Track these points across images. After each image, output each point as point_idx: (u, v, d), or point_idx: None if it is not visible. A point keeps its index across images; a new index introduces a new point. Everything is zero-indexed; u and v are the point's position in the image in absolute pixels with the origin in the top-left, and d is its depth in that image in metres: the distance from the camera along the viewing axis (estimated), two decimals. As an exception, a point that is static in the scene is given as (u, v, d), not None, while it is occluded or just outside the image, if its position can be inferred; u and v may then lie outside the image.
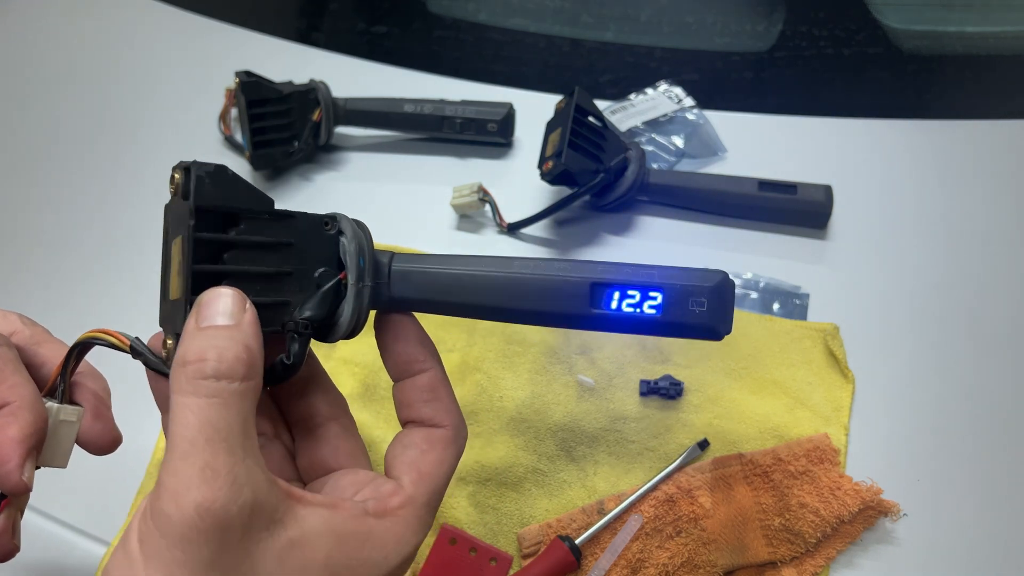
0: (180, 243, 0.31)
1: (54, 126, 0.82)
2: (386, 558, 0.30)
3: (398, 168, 0.77)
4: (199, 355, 0.28)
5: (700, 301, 0.35)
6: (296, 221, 0.34)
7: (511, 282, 0.35)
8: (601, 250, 0.69)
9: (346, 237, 0.35)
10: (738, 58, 0.83)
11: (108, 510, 0.56)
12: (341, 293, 0.34)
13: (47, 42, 0.90)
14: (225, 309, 0.29)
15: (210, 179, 0.31)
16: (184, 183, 0.31)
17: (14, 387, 0.32)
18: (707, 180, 0.70)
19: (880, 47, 0.82)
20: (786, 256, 0.68)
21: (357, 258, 0.34)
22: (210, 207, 0.31)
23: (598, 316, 0.35)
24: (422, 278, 0.35)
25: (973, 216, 0.70)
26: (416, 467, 0.33)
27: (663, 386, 0.59)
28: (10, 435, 0.32)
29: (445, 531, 0.54)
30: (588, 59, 0.84)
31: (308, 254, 0.33)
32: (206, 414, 0.27)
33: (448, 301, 0.35)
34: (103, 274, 0.70)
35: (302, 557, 0.28)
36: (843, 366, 0.60)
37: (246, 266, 0.31)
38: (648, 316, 0.35)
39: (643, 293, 0.35)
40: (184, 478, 0.26)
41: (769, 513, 0.53)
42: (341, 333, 0.34)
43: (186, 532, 0.25)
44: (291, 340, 0.32)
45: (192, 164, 0.31)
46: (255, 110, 0.71)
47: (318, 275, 0.33)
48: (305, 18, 0.93)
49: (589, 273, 0.35)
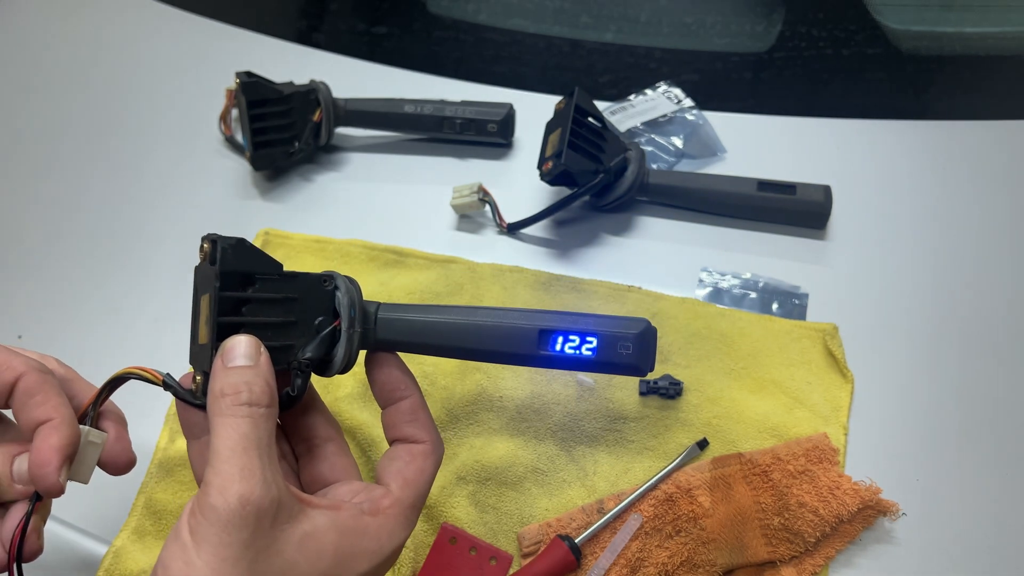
0: (207, 299, 0.38)
1: (55, 127, 0.82)
2: (381, 548, 0.37)
3: (398, 168, 0.77)
4: (235, 388, 0.35)
5: (627, 345, 0.41)
6: (299, 280, 0.40)
7: (475, 328, 0.42)
8: (601, 250, 0.69)
9: (340, 291, 0.41)
10: (737, 59, 0.83)
11: (108, 510, 0.57)
12: (336, 337, 0.41)
13: (48, 43, 0.90)
14: (244, 352, 0.36)
15: (232, 250, 0.38)
16: (212, 252, 0.38)
17: (56, 407, 0.39)
18: (706, 180, 0.70)
19: (879, 48, 0.82)
20: (785, 256, 0.68)
21: (349, 309, 0.41)
22: (231, 271, 0.38)
23: (544, 356, 0.42)
24: (402, 324, 0.42)
25: (971, 216, 0.70)
26: (402, 475, 0.40)
27: (662, 386, 0.59)
28: (51, 443, 0.37)
29: (445, 530, 0.54)
30: (588, 60, 0.84)
31: (309, 306, 0.40)
32: (242, 430, 0.34)
33: (424, 343, 0.43)
34: (103, 273, 0.70)
35: (315, 545, 0.35)
36: (842, 366, 0.60)
37: (260, 317, 0.38)
38: (585, 356, 0.42)
39: (581, 338, 0.42)
40: (227, 476, 0.33)
41: (768, 512, 0.53)
42: (336, 369, 0.41)
43: (230, 518, 0.32)
44: (295, 376, 0.39)
45: (218, 238, 0.38)
46: (256, 110, 0.71)
47: (317, 323, 0.40)
48: (306, 19, 0.93)
49: (538, 322, 0.42)
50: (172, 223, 0.73)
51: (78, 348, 0.65)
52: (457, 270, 0.67)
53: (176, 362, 0.63)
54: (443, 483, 0.56)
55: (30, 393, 0.39)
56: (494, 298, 0.65)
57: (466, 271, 0.67)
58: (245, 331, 0.38)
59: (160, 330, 0.66)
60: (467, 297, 0.65)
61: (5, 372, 0.39)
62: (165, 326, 0.66)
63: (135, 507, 0.57)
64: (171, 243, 0.72)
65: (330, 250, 0.69)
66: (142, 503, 0.57)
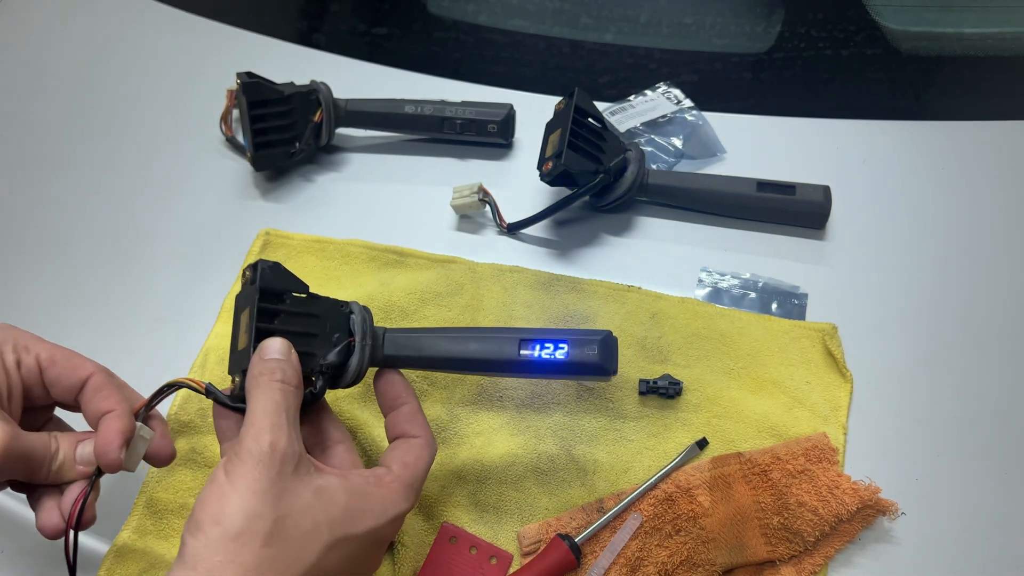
0: (247, 313, 0.46)
1: (56, 127, 0.82)
2: (385, 510, 0.44)
3: (399, 169, 0.77)
4: (271, 369, 0.43)
5: (592, 347, 0.50)
6: (322, 301, 0.49)
7: (464, 341, 0.51)
8: (601, 250, 0.70)
9: (355, 314, 0.50)
10: (737, 59, 0.83)
11: (110, 509, 0.57)
12: (351, 350, 0.49)
13: (49, 44, 0.90)
14: (279, 348, 0.44)
15: (270, 270, 0.47)
16: (253, 274, 0.46)
17: (119, 401, 0.47)
18: (706, 181, 0.70)
19: (878, 48, 0.82)
20: (785, 256, 0.68)
21: (362, 327, 0.49)
22: (268, 288, 0.46)
23: (525, 361, 0.50)
24: (405, 341, 0.51)
25: (970, 216, 0.70)
26: (401, 460, 0.46)
27: (662, 385, 0.59)
28: (116, 427, 0.45)
29: (445, 529, 0.54)
30: (588, 60, 0.84)
31: (328, 323, 0.49)
32: (276, 398, 0.42)
33: (423, 356, 0.51)
34: (104, 273, 0.70)
35: (329, 497, 0.41)
36: (841, 365, 0.60)
37: (289, 327, 0.46)
38: (559, 360, 0.50)
39: (555, 344, 0.50)
40: (262, 427, 0.41)
41: (768, 512, 0.53)
42: (348, 379, 0.49)
43: (261, 458, 0.40)
44: (318, 378, 0.47)
45: (259, 262, 0.47)
46: (256, 111, 0.71)
47: (335, 338, 0.48)
48: (306, 20, 0.93)
49: (518, 334, 0.51)
50: (173, 223, 0.73)
51: (79, 347, 0.65)
52: (457, 270, 0.67)
53: (176, 362, 0.64)
54: (443, 482, 0.56)
55: (98, 388, 0.47)
56: (494, 298, 0.65)
57: (466, 271, 0.67)
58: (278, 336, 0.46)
59: (161, 330, 0.66)
60: (467, 297, 0.65)
61: (79, 371, 0.47)
62: (166, 326, 0.66)
63: (136, 506, 0.57)
64: (172, 243, 0.72)
65: (331, 250, 0.69)
66: (143, 502, 0.57)
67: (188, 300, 0.68)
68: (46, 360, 0.47)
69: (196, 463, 0.59)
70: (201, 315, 0.66)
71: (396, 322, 0.64)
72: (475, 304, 0.65)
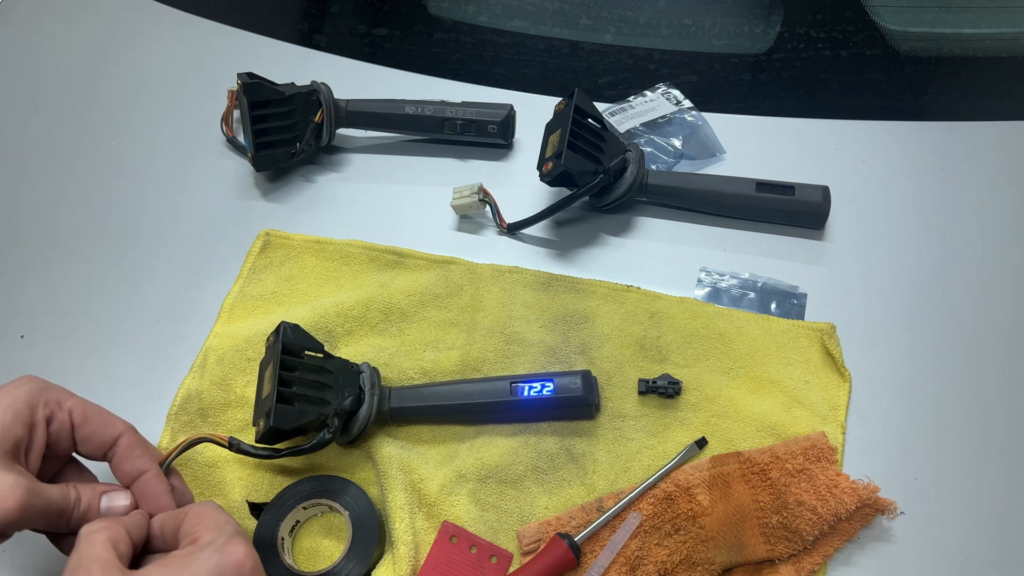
0: (271, 368, 0.54)
1: (57, 128, 0.82)
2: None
3: (399, 169, 0.77)
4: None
5: (575, 382, 0.58)
6: (335, 359, 0.58)
7: (462, 392, 0.58)
8: (600, 250, 0.70)
9: (365, 373, 0.58)
10: (736, 60, 0.83)
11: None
12: (361, 401, 0.56)
13: (50, 45, 0.90)
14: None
15: (291, 330, 0.56)
16: (276, 335, 0.55)
17: (151, 461, 0.50)
18: (705, 181, 0.70)
19: (877, 49, 0.82)
20: (784, 256, 0.68)
21: (371, 382, 0.57)
22: (290, 343, 0.55)
23: (516, 401, 0.57)
24: (409, 394, 0.58)
25: (969, 217, 0.70)
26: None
27: (661, 385, 0.60)
28: (163, 488, 0.49)
29: (445, 528, 0.55)
30: (587, 61, 0.85)
31: (341, 378, 0.56)
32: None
33: (426, 406, 0.58)
34: (105, 274, 0.70)
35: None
36: (840, 365, 0.61)
37: (307, 377, 0.54)
38: (547, 396, 0.57)
39: (541, 383, 0.58)
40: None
41: (767, 511, 0.53)
42: (356, 428, 0.56)
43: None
44: (332, 421, 0.54)
45: (282, 323, 0.56)
46: (257, 111, 0.71)
47: (346, 391, 0.56)
48: (307, 21, 0.93)
49: (508, 380, 0.58)
50: (174, 224, 0.74)
51: (80, 348, 0.66)
52: (457, 271, 0.67)
53: (176, 362, 0.64)
54: (444, 481, 0.56)
55: (131, 447, 0.49)
56: (493, 299, 0.66)
57: (466, 272, 0.67)
58: (297, 388, 0.53)
59: (162, 330, 0.66)
60: (467, 298, 0.66)
61: (111, 429, 0.49)
62: (167, 326, 0.67)
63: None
64: (173, 244, 0.72)
65: (330, 251, 0.70)
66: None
67: (188, 300, 0.68)
68: (79, 417, 0.48)
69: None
70: (201, 315, 0.66)
71: (396, 323, 0.64)
72: (475, 305, 0.65)
